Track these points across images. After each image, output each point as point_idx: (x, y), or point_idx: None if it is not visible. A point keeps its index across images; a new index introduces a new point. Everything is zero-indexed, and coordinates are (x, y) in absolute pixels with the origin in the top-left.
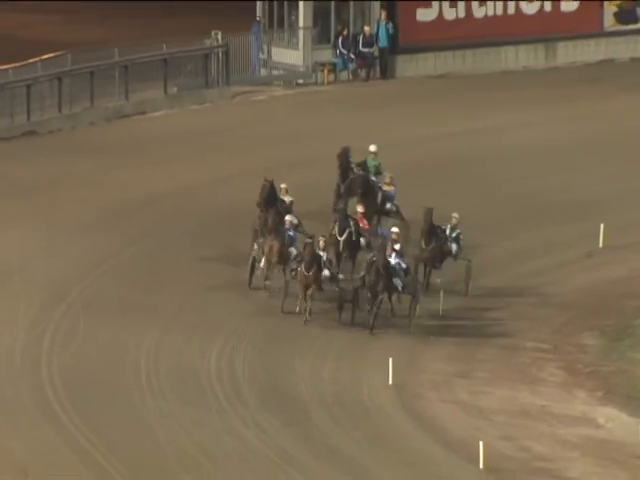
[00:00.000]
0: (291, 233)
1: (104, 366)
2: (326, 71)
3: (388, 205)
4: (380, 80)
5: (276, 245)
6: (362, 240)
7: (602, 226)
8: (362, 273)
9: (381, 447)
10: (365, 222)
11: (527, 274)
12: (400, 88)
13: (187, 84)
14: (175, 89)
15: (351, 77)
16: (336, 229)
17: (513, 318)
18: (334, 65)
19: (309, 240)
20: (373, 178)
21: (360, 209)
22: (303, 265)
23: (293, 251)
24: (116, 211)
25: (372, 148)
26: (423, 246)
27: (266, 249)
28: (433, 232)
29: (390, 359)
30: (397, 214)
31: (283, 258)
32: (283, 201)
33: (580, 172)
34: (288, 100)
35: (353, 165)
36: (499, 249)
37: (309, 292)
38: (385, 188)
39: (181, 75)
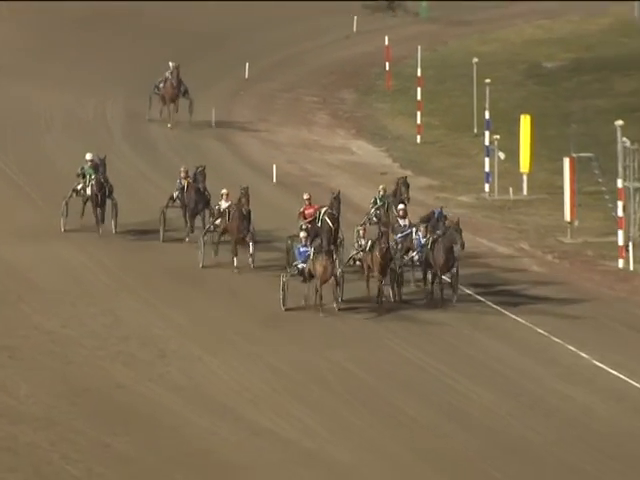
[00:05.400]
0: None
1: (14, 112)
2: None
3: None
4: None
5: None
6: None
7: (355, 18)
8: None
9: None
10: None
11: (299, 52)
12: None
13: None
14: None
15: None
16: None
17: (293, 82)
18: None
19: (384, 229)
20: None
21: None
22: (378, 251)
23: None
24: None
25: (88, 156)
26: None
27: (319, 269)
28: None
29: (213, 109)
30: None
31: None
32: None
33: None
34: None
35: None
36: (270, 35)
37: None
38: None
39: None
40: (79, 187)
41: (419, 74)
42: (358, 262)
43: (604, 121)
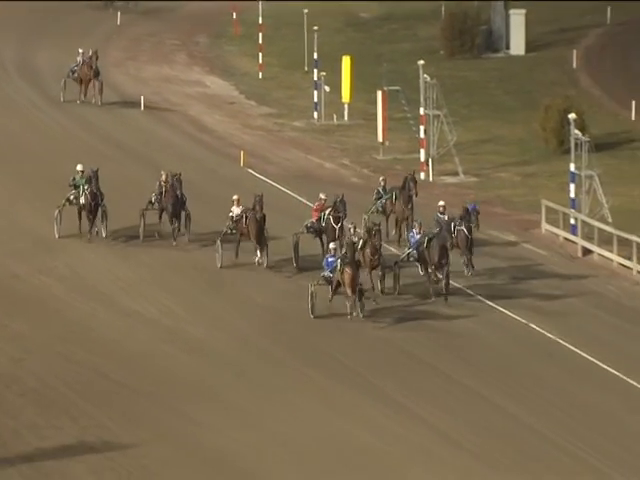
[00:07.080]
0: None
1: None
2: None
3: None
4: None
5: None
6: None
7: None
8: (409, 250)
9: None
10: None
11: (161, 4)
12: None
13: None
14: None
15: None
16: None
17: (157, 28)
18: None
19: (377, 227)
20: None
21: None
22: (370, 248)
23: None
24: None
25: (79, 167)
26: None
27: (347, 279)
28: None
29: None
30: None
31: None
32: None
33: None
34: None
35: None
36: None
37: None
38: None
39: None
40: (72, 197)
41: (260, 22)
42: None
43: (409, 61)
